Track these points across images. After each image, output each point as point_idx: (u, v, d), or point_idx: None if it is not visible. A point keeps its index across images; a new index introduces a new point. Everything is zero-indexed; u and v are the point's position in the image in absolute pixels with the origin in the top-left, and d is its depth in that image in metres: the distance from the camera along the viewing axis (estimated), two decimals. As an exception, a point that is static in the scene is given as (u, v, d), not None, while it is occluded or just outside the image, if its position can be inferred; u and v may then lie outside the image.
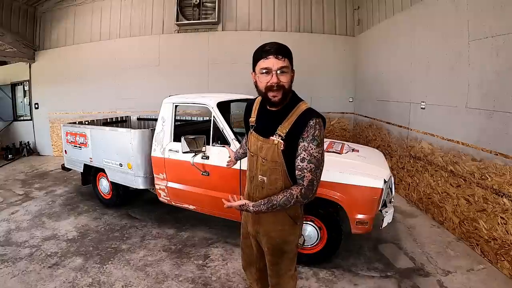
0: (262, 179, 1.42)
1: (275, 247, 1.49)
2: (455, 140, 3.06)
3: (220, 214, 3.00)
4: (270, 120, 1.38)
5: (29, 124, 7.30)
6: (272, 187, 1.40)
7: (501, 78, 2.48)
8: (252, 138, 1.48)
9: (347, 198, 2.39)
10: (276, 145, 1.34)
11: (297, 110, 1.34)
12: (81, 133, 3.90)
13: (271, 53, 1.26)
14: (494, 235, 2.54)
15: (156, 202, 3.48)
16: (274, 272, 1.56)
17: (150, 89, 6.27)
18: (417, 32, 3.73)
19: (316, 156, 1.29)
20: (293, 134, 1.30)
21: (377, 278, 2.45)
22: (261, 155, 1.40)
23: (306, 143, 1.28)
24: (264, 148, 1.39)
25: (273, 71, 1.26)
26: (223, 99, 3.14)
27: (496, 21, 2.51)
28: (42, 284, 2.39)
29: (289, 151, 1.33)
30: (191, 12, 6.08)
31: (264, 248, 1.55)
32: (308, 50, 6.00)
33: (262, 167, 1.41)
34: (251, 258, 1.72)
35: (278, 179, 1.38)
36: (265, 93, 1.31)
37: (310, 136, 1.28)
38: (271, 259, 1.53)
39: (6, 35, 6.11)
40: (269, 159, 1.37)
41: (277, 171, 1.37)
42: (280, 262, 1.52)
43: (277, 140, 1.34)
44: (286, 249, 1.50)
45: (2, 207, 3.98)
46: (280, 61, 1.26)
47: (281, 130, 1.33)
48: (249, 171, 1.52)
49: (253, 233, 1.58)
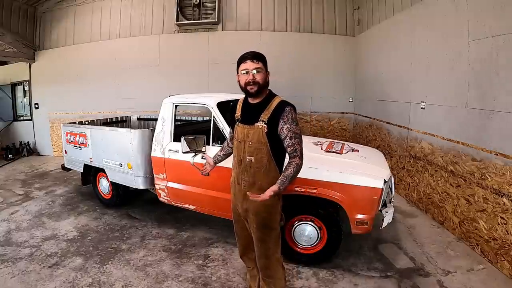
0: (250, 159, 1.73)
1: (262, 222, 1.77)
2: (455, 140, 3.06)
3: (220, 214, 2.99)
4: (253, 111, 1.74)
5: (29, 124, 7.30)
6: (258, 165, 1.73)
7: (501, 78, 2.48)
8: (239, 128, 1.80)
9: (347, 198, 2.39)
10: (260, 129, 1.69)
11: (274, 102, 1.72)
12: (81, 133, 3.90)
13: (248, 58, 1.69)
14: (494, 235, 2.54)
15: (156, 202, 3.48)
16: (262, 251, 1.80)
17: (150, 89, 6.27)
18: (417, 32, 3.73)
19: (298, 133, 1.70)
20: (274, 120, 1.68)
21: (377, 278, 2.45)
22: (248, 140, 1.73)
23: (288, 125, 1.67)
24: (251, 133, 1.72)
25: (250, 71, 1.68)
26: (223, 99, 3.14)
27: (496, 21, 2.51)
28: (42, 284, 2.39)
29: (271, 133, 1.69)
30: (191, 12, 6.08)
31: (252, 226, 1.81)
32: (308, 50, 6.00)
33: (249, 149, 1.73)
34: (248, 240, 1.95)
35: (263, 157, 1.71)
36: (245, 87, 1.71)
37: (290, 120, 1.67)
38: (259, 236, 1.79)
39: (6, 35, 6.11)
40: (255, 141, 1.71)
41: (262, 150, 1.71)
42: (268, 240, 1.78)
43: (261, 125, 1.69)
44: (272, 225, 1.78)
45: (2, 207, 3.98)
46: (255, 64, 1.68)
47: (264, 117, 1.70)
48: (236, 156, 1.83)
49: (243, 214, 1.85)
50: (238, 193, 1.83)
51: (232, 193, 1.91)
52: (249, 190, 1.73)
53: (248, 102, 1.80)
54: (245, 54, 1.73)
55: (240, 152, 1.78)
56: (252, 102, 1.78)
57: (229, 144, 2.13)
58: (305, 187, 2.46)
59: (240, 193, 1.81)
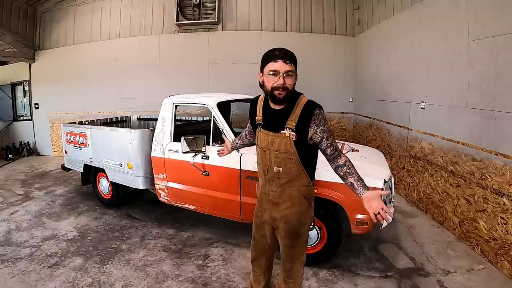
0: (278, 169, 1.58)
1: (292, 230, 1.65)
2: (455, 140, 3.06)
3: (220, 214, 3.00)
4: (277, 116, 1.55)
5: (29, 124, 7.30)
6: (287, 175, 1.58)
7: (501, 78, 2.48)
8: (262, 135, 1.62)
9: (347, 198, 2.39)
10: (288, 137, 1.51)
11: (299, 103, 1.52)
12: (81, 133, 3.90)
13: (280, 57, 1.44)
14: (494, 235, 2.54)
15: (156, 202, 3.48)
16: (289, 256, 1.70)
17: (150, 89, 6.27)
18: (417, 32, 3.73)
19: (331, 130, 1.55)
20: (302, 125, 1.49)
21: (377, 278, 2.45)
22: (274, 149, 1.56)
23: (322, 127, 1.50)
24: (276, 142, 1.54)
25: (281, 73, 1.44)
26: (223, 99, 3.14)
27: (496, 21, 2.51)
28: (42, 284, 2.39)
29: (300, 141, 1.51)
30: (191, 12, 6.08)
31: (280, 233, 1.68)
32: (308, 50, 6.00)
33: (276, 159, 1.57)
34: (264, 248, 1.83)
35: (292, 167, 1.56)
36: (271, 91, 1.48)
37: (322, 122, 1.50)
38: (287, 243, 1.68)
39: (6, 35, 6.11)
40: (282, 151, 1.54)
41: (291, 160, 1.54)
42: (295, 245, 1.68)
43: (288, 133, 1.51)
44: (302, 231, 1.67)
45: (2, 207, 3.98)
46: (287, 65, 1.44)
47: (290, 123, 1.50)
48: (261, 165, 1.67)
49: (269, 221, 1.71)
50: (266, 201, 1.71)
51: (259, 199, 1.79)
52: (279, 199, 1.63)
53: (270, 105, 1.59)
54: (275, 51, 1.47)
55: (265, 161, 1.63)
56: (274, 106, 1.56)
57: (247, 136, 2.00)
58: (305, 187, 2.45)
59: (269, 203, 1.68)
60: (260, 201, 1.78)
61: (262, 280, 1.92)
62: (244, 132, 2.04)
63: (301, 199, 1.62)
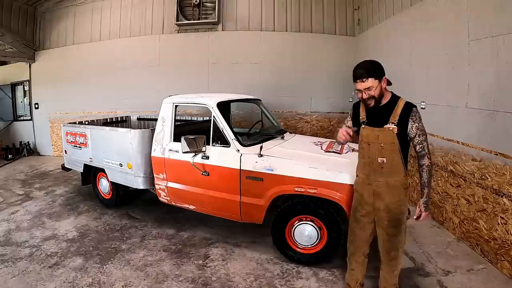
0: (382, 160, 1.81)
1: (395, 219, 1.84)
2: (455, 140, 3.06)
3: (220, 214, 3.00)
4: (380, 114, 1.81)
5: (29, 124, 7.31)
6: (390, 166, 1.81)
7: (501, 78, 2.48)
8: (366, 131, 1.87)
9: (347, 198, 2.39)
10: (391, 130, 1.77)
11: (400, 104, 1.80)
12: (81, 133, 3.90)
13: (357, 78, 1.78)
14: (494, 235, 2.53)
15: (156, 202, 3.48)
16: (394, 244, 1.89)
17: (150, 89, 6.27)
18: (417, 32, 3.73)
19: (424, 130, 1.81)
20: (402, 120, 1.76)
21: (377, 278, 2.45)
22: (379, 142, 1.81)
23: (417, 124, 1.77)
24: (381, 135, 1.80)
25: (362, 91, 1.78)
26: (223, 99, 3.14)
27: (496, 21, 2.51)
28: (42, 284, 2.39)
29: (401, 133, 1.77)
30: (191, 12, 6.08)
31: (383, 223, 1.87)
32: (308, 50, 6.00)
33: (381, 151, 1.81)
34: (363, 242, 2.00)
35: (395, 157, 1.79)
36: (364, 101, 1.83)
37: (418, 119, 1.77)
38: (392, 231, 1.86)
39: (6, 35, 6.11)
40: (387, 143, 1.79)
41: (394, 151, 1.78)
42: (398, 234, 1.86)
43: (391, 126, 1.77)
44: (403, 219, 1.87)
45: (2, 207, 3.98)
46: (364, 83, 1.76)
47: (393, 119, 1.78)
48: (366, 158, 1.89)
49: (372, 212, 1.90)
50: (368, 193, 1.89)
51: (359, 193, 1.96)
52: (382, 189, 1.83)
53: None
54: (355, 70, 1.80)
55: (370, 153, 1.85)
56: None
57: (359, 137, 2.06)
58: (305, 187, 2.46)
59: (371, 195, 1.87)
60: (360, 195, 1.95)
61: (359, 277, 2.09)
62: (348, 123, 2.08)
63: (400, 190, 1.82)
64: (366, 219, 1.94)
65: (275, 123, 3.76)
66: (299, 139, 3.48)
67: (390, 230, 1.86)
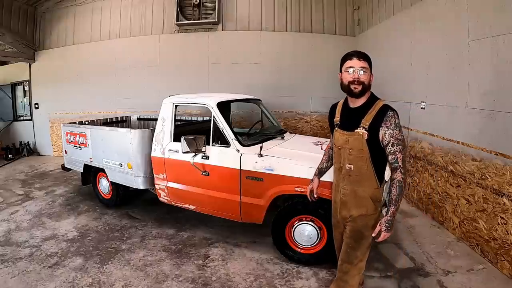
0: (349, 167, 1.68)
1: (356, 231, 1.71)
2: (455, 140, 3.06)
3: (220, 214, 3.00)
4: (353, 116, 1.66)
5: (29, 124, 7.31)
6: (358, 173, 1.66)
7: (501, 78, 2.48)
8: (338, 134, 1.74)
9: (347, 198, 2.39)
10: (361, 136, 1.61)
11: (376, 106, 1.62)
12: (81, 133, 3.90)
13: (354, 56, 1.61)
14: (494, 235, 2.53)
15: (156, 202, 3.48)
16: (349, 257, 1.75)
17: (150, 89, 6.27)
18: (417, 32, 3.73)
19: (401, 138, 1.58)
20: (375, 125, 1.58)
21: (377, 278, 2.45)
22: (348, 147, 1.66)
23: (391, 131, 1.56)
24: (350, 140, 1.65)
25: (356, 69, 1.59)
26: (223, 99, 3.14)
27: (496, 21, 2.51)
28: (42, 284, 2.39)
29: (371, 140, 1.60)
30: (191, 12, 6.08)
31: (346, 232, 1.76)
32: (308, 50, 6.00)
33: (349, 157, 1.67)
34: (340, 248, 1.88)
35: (362, 166, 1.64)
36: (348, 86, 1.62)
37: (392, 125, 1.56)
38: (349, 242, 1.74)
39: (6, 35, 6.11)
40: (355, 149, 1.63)
41: (363, 158, 1.63)
42: (357, 248, 1.72)
43: (361, 131, 1.61)
44: (366, 234, 1.70)
45: (2, 207, 3.98)
46: (361, 62, 1.60)
47: (364, 122, 1.60)
48: (336, 163, 1.80)
49: (342, 220, 1.79)
50: (338, 200, 1.81)
51: (333, 199, 1.88)
52: (348, 198, 1.72)
53: (348, 106, 1.72)
54: (350, 52, 1.67)
55: (339, 159, 1.75)
56: (352, 105, 1.69)
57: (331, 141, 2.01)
58: (305, 187, 2.45)
59: (340, 201, 1.78)
60: (334, 202, 1.87)
61: None
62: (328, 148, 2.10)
63: (368, 202, 1.68)
64: (339, 226, 1.86)
65: (275, 123, 3.76)
66: (299, 139, 3.48)
67: (350, 241, 1.74)
